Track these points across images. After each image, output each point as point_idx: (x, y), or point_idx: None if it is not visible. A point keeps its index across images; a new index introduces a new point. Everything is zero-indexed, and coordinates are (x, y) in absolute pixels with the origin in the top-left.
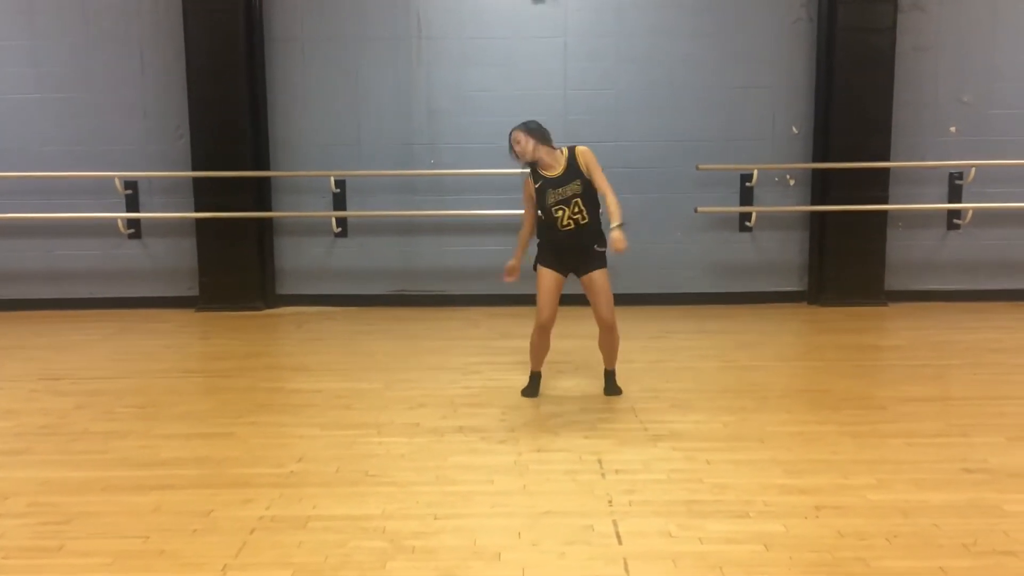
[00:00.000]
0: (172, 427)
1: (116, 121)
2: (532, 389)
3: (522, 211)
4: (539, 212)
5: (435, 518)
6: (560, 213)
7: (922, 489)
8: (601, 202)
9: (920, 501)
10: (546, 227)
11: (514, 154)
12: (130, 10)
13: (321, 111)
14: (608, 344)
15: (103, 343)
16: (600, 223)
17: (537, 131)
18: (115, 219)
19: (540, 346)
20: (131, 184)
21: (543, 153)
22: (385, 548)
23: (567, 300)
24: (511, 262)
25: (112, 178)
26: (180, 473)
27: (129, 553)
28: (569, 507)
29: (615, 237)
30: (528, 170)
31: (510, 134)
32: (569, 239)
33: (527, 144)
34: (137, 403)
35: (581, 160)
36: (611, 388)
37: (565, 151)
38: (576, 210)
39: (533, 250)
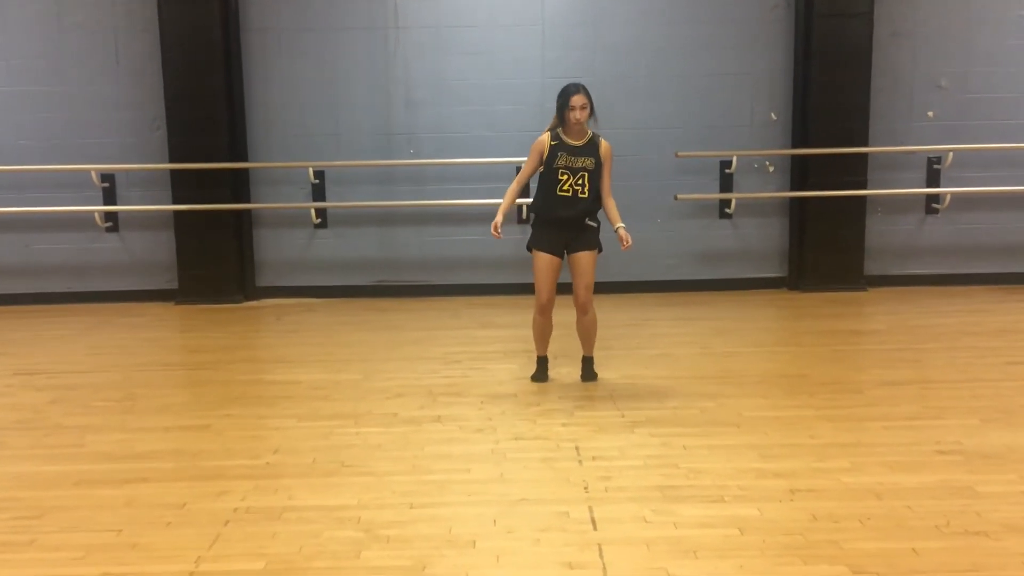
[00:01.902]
0: (148, 420)
1: (92, 114)
2: (541, 374)
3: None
4: (541, 173)
5: (410, 507)
6: (564, 177)
7: (896, 471)
8: (593, 205)
9: (894, 483)
10: (543, 190)
11: (567, 115)
12: (104, 1)
13: (298, 101)
14: (585, 329)
15: (80, 337)
16: (597, 205)
17: (593, 104)
18: (92, 212)
19: (543, 328)
20: (108, 177)
21: (583, 124)
22: (360, 538)
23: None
24: (497, 219)
25: (88, 171)
26: (155, 466)
27: (101, 546)
28: (545, 494)
29: (623, 235)
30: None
31: (569, 96)
32: (563, 206)
33: (587, 111)
34: (113, 397)
35: (603, 149)
36: (588, 374)
37: (591, 132)
38: (580, 182)
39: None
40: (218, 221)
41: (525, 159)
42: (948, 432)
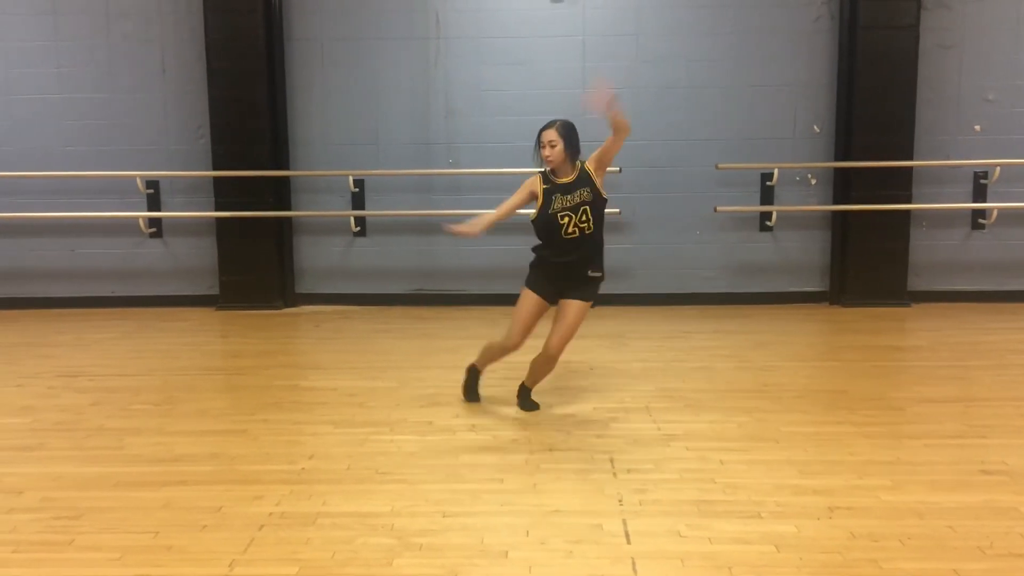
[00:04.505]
0: (186, 424)
1: (138, 121)
2: (471, 387)
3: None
4: (537, 220)
5: (443, 516)
6: (565, 220)
7: (938, 491)
8: (598, 243)
9: (935, 503)
10: (546, 236)
11: (539, 155)
12: (151, 11)
13: (339, 111)
14: (541, 369)
15: (122, 341)
16: (602, 237)
17: (571, 138)
18: (136, 218)
19: (494, 357)
20: (152, 184)
21: (567, 162)
22: (392, 545)
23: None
24: (474, 228)
25: (134, 178)
26: (192, 469)
27: (137, 548)
28: (578, 506)
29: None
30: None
31: (541, 132)
32: (570, 248)
33: (558, 149)
34: (153, 400)
35: (591, 164)
36: (525, 402)
37: (579, 164)
38: (583, 218)
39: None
40: (259, 228)
41: None
42: (992, 452)
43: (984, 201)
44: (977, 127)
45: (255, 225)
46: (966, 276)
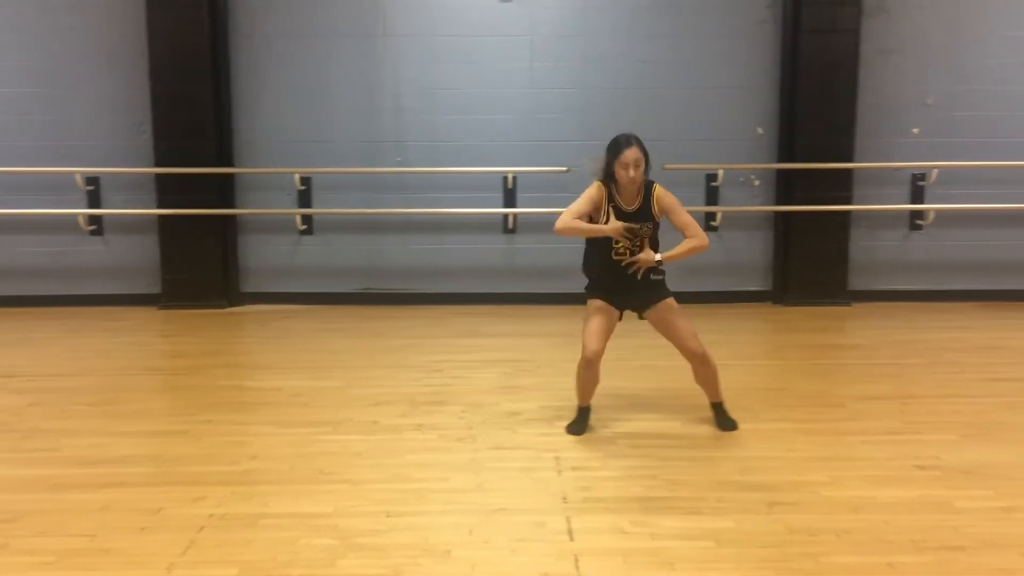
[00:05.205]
0: (126, 425)
1: (78, 116)
2: (579, 426)
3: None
4: (594, 241)
5: (387, 516)
6: (620, 244)
7: (874, 486)
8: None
9: (872, 497)
10: (595, 253)
11: (617, 173)
12: (92, 4)
13: (286, 107)
14: (704, 376)
15: (61, 340)
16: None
17: (648, 159)
18: (76, 215)
19: (588, 380)
20: (93, 180)
21: (639, 184)
22: (335, 546)
23: (527, 299)
24: (608, 226)
25: (73, 174)
26: (131, 471)
27: (74, 551)
28: (523, 504)
29: (648, 255)
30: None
31: (623, 145)
32: (621, 269)
33: (642, 171)
34: (92, 401)
35: (657, 204)
36: (724, 422)
37: (642, 189)
38: (638, 244)
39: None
40: (203, 226)
41: (511, 168)
42: (927, 447)
43: (922, 202)
44: (915, 130)
45: (199, 223)
46: (904, 276)
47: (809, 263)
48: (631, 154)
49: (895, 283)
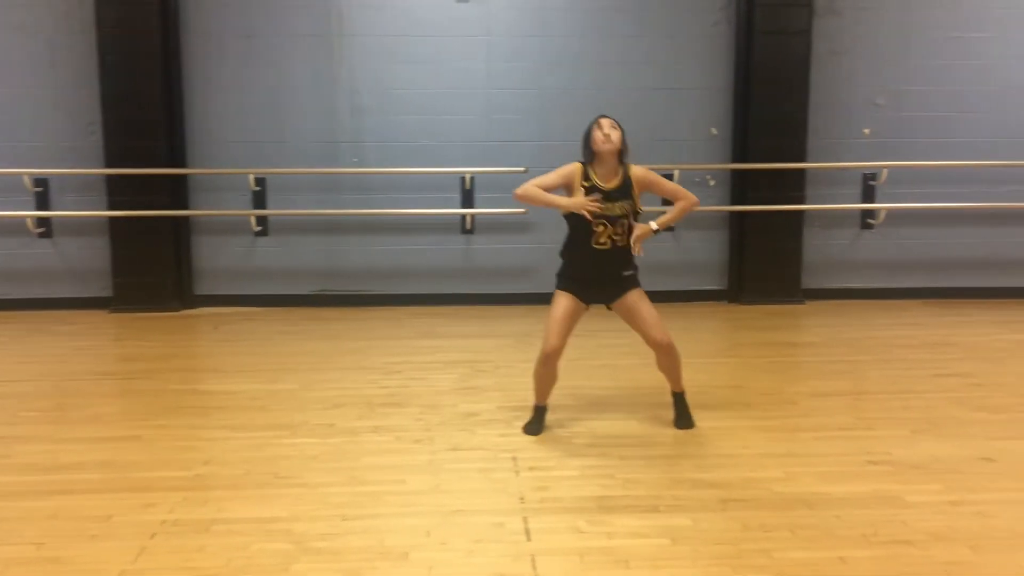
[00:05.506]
0: (77, 431)
1: (25, 116)
2: (536, 426)
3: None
4: (570, 220)
5: (343, 519)
6: (600, 229)
7: (827, 481)
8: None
9: (824, 493)
10: (575, 241)
11: (593, 136)
12: (39, 1)
13: (240, 107)
14: (668, 364)
15: (10, 345)
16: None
17: (624, 136)
18: (24, 218)
19: (546, 377)
20: (41, 181)
21: (616, 161)
22: (290, 550)
23: (485, 299)
24: (570, 201)
25: (21, 175)
26: (81, 478)
27: (21, 560)
28: (481, 505)
29: (643, 230)
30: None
31: (598, 119)
32: (599, 260)
33: (618, 136)
34: (42, 407)
35: (637, 183)
36: (682, 417)
37: (622, 170)
38: (619, 231)
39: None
40: (155, 228)
41: (469, 169)
42: (879, 443)
43: (873, 202)
44: (866, 130)
45: (151, 224)
46: (856, 274)
47: (764, 262)
48: (607, 121)
49: (847, 281)
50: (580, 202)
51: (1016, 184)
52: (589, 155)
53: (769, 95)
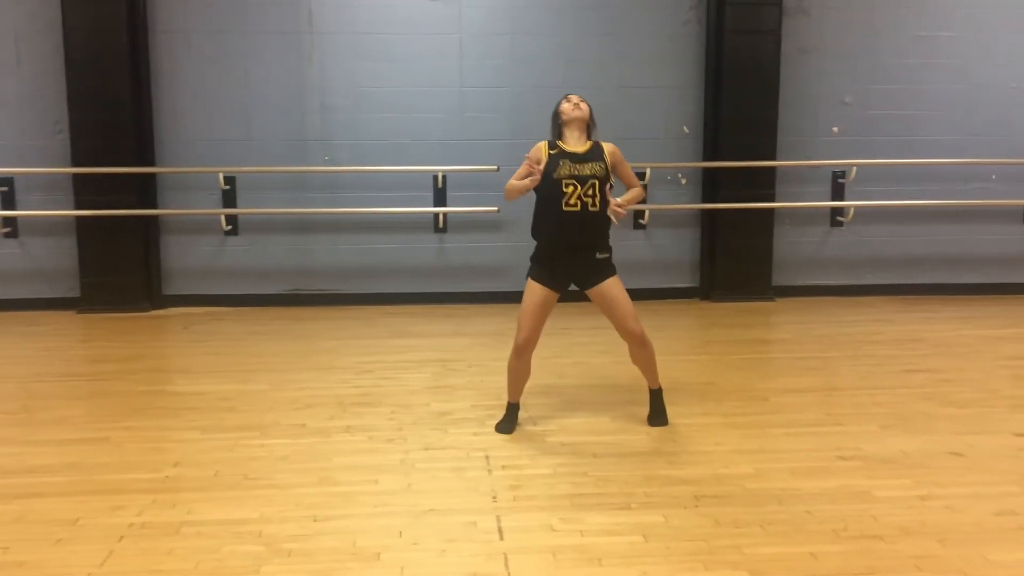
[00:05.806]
0: (44, 433)
1: None
2: (508, 424)
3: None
4: (540, 187)
5: (315, 520)
6: (570, 189)
7: (798, 477)
8: (605, 222)
9: (795, 488)
10: (546, 209)
11: (560, 108)
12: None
13: (209, 105)
14: (642, 357)
15: None
16: (607, 221)
17: (592, 113)
18: None
19: (518, 371)
20: (7, 181)
21: (584, 131)
22: (260, 552)
23: (458, 298)
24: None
25: None
26: (48, 480)
27: None
28: (453, 504)
29: (619, 203)
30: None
31: (567, 95)
32: (571, 225)
33: (585, 107)
34: (8, 409)
35: (610, 150)
36: (657, 415)
37: (591, 141)
38: (589, 192)
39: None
40: (123, 227)
41: (441, 167)
42: (849, 438)
43: (842, 199)
44: (835, 129)
45: (119, 224)
46: (826, 271)
47: (735, 260)
48: (575, 96)
49: (817, 278)
50: (536, 155)
51: (982, 182)
52: (557, 131)
53: (740, 94)
